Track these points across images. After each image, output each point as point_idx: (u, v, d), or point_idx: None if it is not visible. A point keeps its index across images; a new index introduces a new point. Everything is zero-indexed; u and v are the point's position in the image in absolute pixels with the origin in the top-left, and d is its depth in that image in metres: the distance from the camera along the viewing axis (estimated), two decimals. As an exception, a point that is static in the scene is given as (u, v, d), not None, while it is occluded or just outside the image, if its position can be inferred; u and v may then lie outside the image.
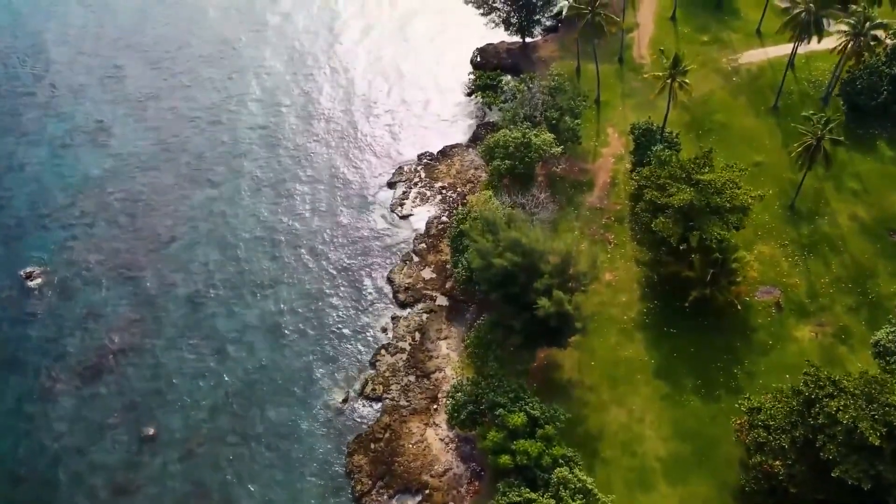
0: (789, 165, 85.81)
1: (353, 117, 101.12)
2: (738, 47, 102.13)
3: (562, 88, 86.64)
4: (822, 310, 73.71)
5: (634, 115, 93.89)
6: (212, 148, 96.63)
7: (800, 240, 79.64)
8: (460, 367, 70.48)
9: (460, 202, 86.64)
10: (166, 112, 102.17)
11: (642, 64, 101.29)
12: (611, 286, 76.57)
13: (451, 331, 75.01)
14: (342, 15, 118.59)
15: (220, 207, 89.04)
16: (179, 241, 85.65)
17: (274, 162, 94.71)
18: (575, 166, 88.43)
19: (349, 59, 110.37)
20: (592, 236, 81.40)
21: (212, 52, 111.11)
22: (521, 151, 79.74)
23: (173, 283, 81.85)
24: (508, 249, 59.88)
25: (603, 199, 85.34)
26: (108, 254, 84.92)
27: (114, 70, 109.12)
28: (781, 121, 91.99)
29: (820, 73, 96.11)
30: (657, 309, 74.68)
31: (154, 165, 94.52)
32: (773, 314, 73.69)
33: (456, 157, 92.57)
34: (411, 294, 78.08)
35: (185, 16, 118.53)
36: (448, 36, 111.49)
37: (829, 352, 70.49)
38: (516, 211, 68.42)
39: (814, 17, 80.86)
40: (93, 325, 78.60)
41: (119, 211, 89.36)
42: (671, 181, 71.51)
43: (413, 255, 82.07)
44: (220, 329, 77.34)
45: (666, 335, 72.78)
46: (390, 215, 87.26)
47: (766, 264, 77.32)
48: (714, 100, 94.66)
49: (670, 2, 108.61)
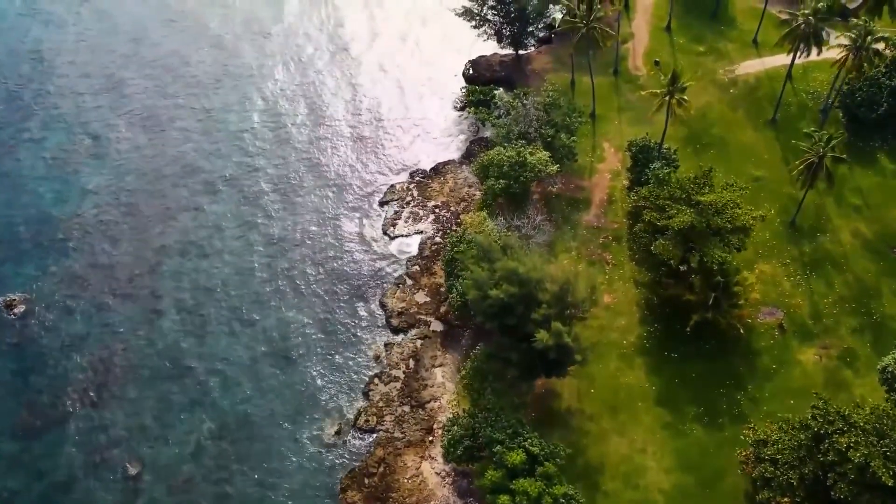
0: (789, 180, 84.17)
1: (343, 134, 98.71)
2: (735, 57, 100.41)
3: (556, 104, 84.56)
4: (826, 331, 71.96)
5: (630, 129, 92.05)
6: (197, 170, 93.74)
7: (802, 258, 77.86)
8: (456, 398, 68.31)
9: (454, 222, 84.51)
10: (150, 131, 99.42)
11: (638, 76, 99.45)
12: (610, 309, 74.59)
13: (446, 357, 72.83)
14: (329, 30, 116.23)
15: (206, 231, 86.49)
16: (164, 267, 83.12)
17: (262, 184, 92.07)
18: (571, 183, 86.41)
19: (336, 75, 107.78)
20: (590, 257, 79.42)
21: (197, 73, 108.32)
22: (515, 171, 77.68)
23: (159, 310, 79.36)
24: (505, 280, 57.79)
25: (600, 217, 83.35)
26: (91, 280, 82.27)
27: (102, 85, 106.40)
28: (780, 134, 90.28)
29: (818, 85, 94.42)
30: (657, 332, 72.74)
31: (139, 188, 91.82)
32: (776, 337, 71.88)
33: (449, 174, 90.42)
34: (405, 319, 75.87)
35: (178, 27, 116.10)
36: (439, 48, 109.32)
37: (833, 376, 68.75)
38: (512, 236, 66.28)
39: (813, 29, 79.01)
40: (75, 356, 76.03)
41: (103, 235, 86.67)
42: (671, 202, 69.58)
43: (406, 278, 79.90)
44: (206, 359, 74.89)
45: (667, 360, 70.87)
46: (382, 236, 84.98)
47: (768, 284, 75.54)
48: (712, 113, 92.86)
49: (665, 11, 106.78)
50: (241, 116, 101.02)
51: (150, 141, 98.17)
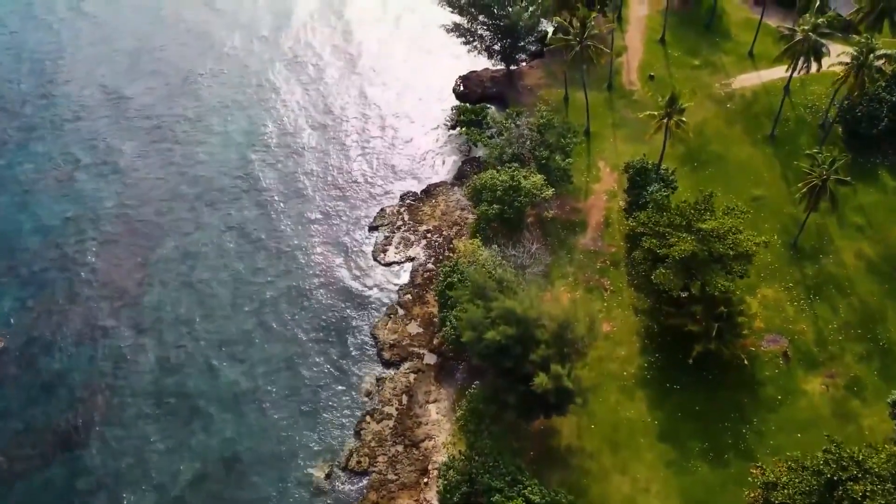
0: (790, 199, 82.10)
1: (331, 155, 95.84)
2: (731, 71, 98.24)
3: (550, 124, 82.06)
4: (832, 359, 69.76)
5: (626, 146, 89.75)
6: (178, 197, 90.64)
7: (804, 281, 75.67)
8: (452, 439, 65.63)
9: (446, 247, 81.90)
10: (130, 155, 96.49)
11: (632, 91, 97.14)
12: (609, 338, 72.13)
13: (440, 392, 70.21)
14: (315, 50, 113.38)
15: (190, 260, 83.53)
16: (147, 298, 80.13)
17: (246, 210, 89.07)
18: (566, 205, 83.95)
19: (323, 94, 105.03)
20: (587, 283, 76.99)
21: (185, 89, 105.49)
22: (509, 195, 75.18)
23: (141, 344, 76.38)
24: (501, 319, 55.21)
25: (597, 240, 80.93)
26: (72, 314, 79.20)
27: (79, 108, 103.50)
28: (779, 150, 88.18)
29: (817, 98, 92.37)
30: (658, 363, 70.37)
31: (118, 214, 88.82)
32: (781, 365, 69.64)
33: (440, 196, 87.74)
34: (397, 352, 73.16)
35: (156, 44, 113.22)
36: (429, 65, 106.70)
37: (841, 406, 66.57)
38: (507, 269, 63.68)
39: (814, 45, 76.84)
40: (57, 394, 73.01)
41: (82, 265, 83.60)
42: (670, 230, 67.25)
43: (398, 308, 77.15)
44: (191, 397, 71.93)
45: (668, 392, 68.50)
46: (373, 263, 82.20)
47: (771, 310, 73.33)
48: (708, 129, 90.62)
49: (659, 23, 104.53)
50: (224, 140, 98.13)
51: (131, 165, 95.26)
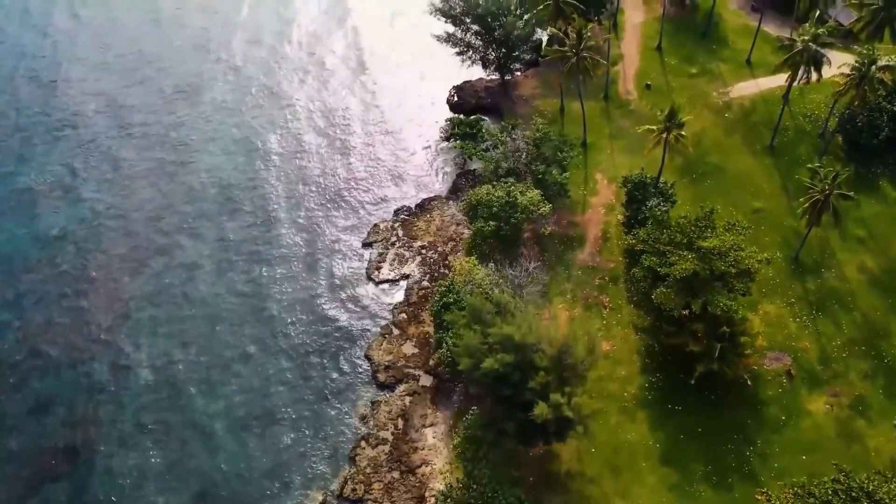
0: (790, 211, 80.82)
1: (323, 169, 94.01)
2: (729, 79, 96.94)
3: (546, 137, 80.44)
4: (836, 377, 68.38)
5: (623, 158, 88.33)
6: (167, 211, 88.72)
7: (807, 297, 74.30)
8: (449, 467, 63.91)
9: (442, 264, 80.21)
10: (118, 169, 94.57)
11: (629, 100, 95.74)
12: (609, 357, 70.52)
13: (437, 416, 68.49)
14: (304, 58, 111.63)
15: (178, 279, 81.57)
16: (135, 319, 78.13)
17: (239, 225, 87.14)
18: (563, 219, 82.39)
19: (313, 106, 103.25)
20: (586, 300, 75.44)
21: (176, 99, 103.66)
22: (506, 212, 73.56)
23: (128, 367, 74.38)
24: (499, 346, 53.58)
25: (595, 255, 79.39)
26: (58, 337, 77.15)
27: (72, 116, 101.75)
28: (779, 160, 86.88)
29: (816, 107, 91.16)
30: (660, 383, 68.88)
31: (106, 230, 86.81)
32: (784, 384, 68.21)
33: (435, 211, 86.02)
34: (392, 373, 71.42)
35: (153, 51, 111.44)
36: (422, 75, 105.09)
37: (846, 426, 65.16)
38: (505, 292, 62.01)
39: (814, 55, 75.45)
40: (42, 421, 70.99)
41: (69, 286, 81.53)
42: (671, 248, 65.74)
43: (392, 327, 75.40)
44: (179, 423, 69.91)
45: (670, 413, 66.99)
46: (366, 281, 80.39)
47: (774, 326, 71.92)
48: (707, 139, 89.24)
49: (655, 30, 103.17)
50: (213, 152, 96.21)
51: (122, 177, 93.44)
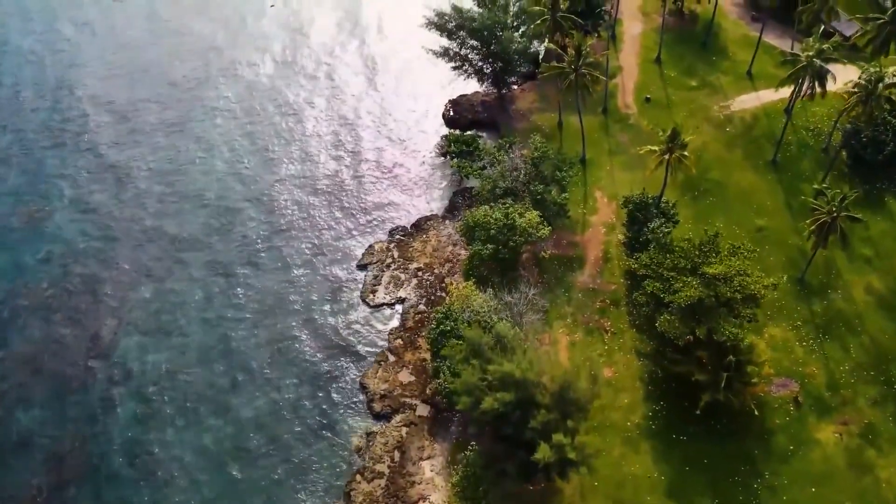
0: (794, 230, 79.09)
1: (315, 188, 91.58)
2: (729, 92, 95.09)
3: (545, 156, 78.39)
4: (845, 404, 66.48)
5: (623, 174, 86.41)
6: (156, 233, 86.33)
7: (813, 319, 72.40)
8: (447, 502, 61.79)
9: (438, 286, 78.11)
10: (105, 190, 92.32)
11: (628, 114, 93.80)
12: (611, 385, 68.52)
13: (434, 448, 66.35)
14: (297, 69, 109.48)
15: (168, 304, 79.26)
16: (123, 345, 75.83)
17: (229, 247, 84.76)
18: (563, 239, 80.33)
19: (305, 121, 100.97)
20: (587, 324, 73.42)
21: (154, 127, 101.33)
22: (504, 234, 71.48)
23: (117, 398, 72.07)
24: (499, 385, 51.49)
25: (595, 277, 77.36)
26: (43, 364, 74.90)
27: (56, 136, 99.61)
28: (782, 176, 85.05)
29: (818, 120, 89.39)
30: (664, 411, 66.86)
31: (95, 253, 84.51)
32: (792, 412, 66.29)
33: (431, 230, 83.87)
34: (388, 403, 69.26)
35: (143, 62, 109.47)
36: (417, 89, 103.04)
37: (856, 456, 63.27)
38: (503, 323, 59.84)
39: (818, 71, 73.61)
40: (26, 456, 68.67)
41: (56, 310, 79.29)
42: (675, 274, 63.77)
43: (388, 354, 73.23)
44: (167, 457, 67.58)
45: (675, 443, 64.98)
46: (361, 305, 78.16)
47: (780, 350, 69.98)
48: (708, 154, 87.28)
49: (654, 41, 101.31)
50: (203, 170, 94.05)
51: (108, 200, 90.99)
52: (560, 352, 70.55)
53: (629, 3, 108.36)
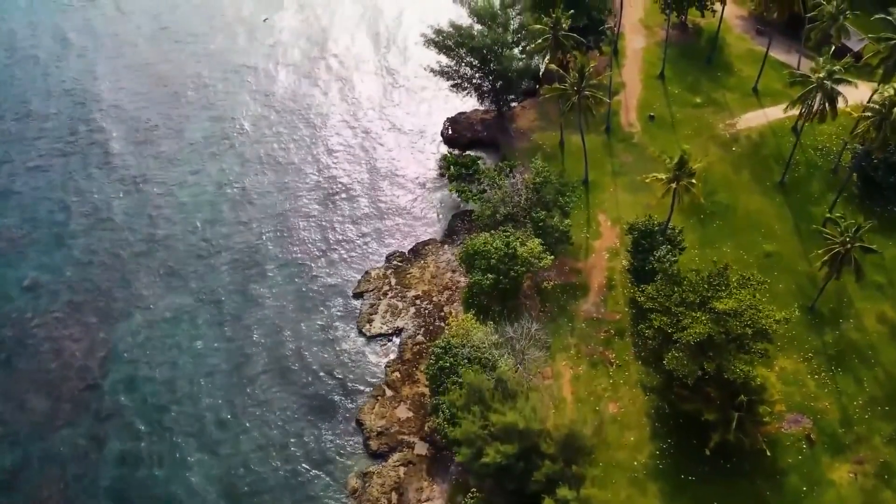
0: (803, 255, 76.76)
1: (310, 211, 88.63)
2: (735, 109, 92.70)
3: (547, 180, 75.86)
4: (859, 441, 64.06)
5: (627, 196, 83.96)
6: (145, 260, 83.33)
7: (825, 350, 69.95)
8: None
9: (437, 315, 75.56)
10: (95, 212, 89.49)
11: (632, 133, 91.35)
12: (616, 421, 66.08)
13: (433, 489, 63.78)
14: (293, 87, 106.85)
15: (155, 335, 76.45)
16: (108, 381, 73.00)
17: (219, 274, 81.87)
18: (565, 265, 77.84)
19: (300, 140, 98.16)
20: (591, 356, 70.92)
21: (148, 138, 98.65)
22: (505, 263, 68.96)
23: (103, 436, 69.31)
24: (501, 436, 48.98)
25: (599, 306, 74.85)
26: (27, 400, 72.10)
27: (45, 154, 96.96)
28: (790, 198, 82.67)
29: (827, 139, 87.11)
30: (672, 450, 64.37)
31: (81, 281, 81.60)
32: (804, 450, 63.87)
33: (430, 256, 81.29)
34: (385, 441, 66.68)
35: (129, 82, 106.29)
36: (414, 107, 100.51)
37: (871, 497, 60.86)
38: (504, 363, 57.33)
39: (829, 93, 71.15)
40: (8, 496, 65.95)
41: (40, 340, 76.44)
42: (684, 309, 61.26)
43: (385, 388, 70.66)
44: (156, 495, 64.95)
45: (684, 484, 62.46)
46: (357, 336, 75.51)
47: (791, 384, 67.54)
48: (714, 175, 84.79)
49: (657, 56, 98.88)
50: (192, 193, 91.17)
51: (95, 224, 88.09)
52: (563, 386, 68.19)
53: (630, 15, 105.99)
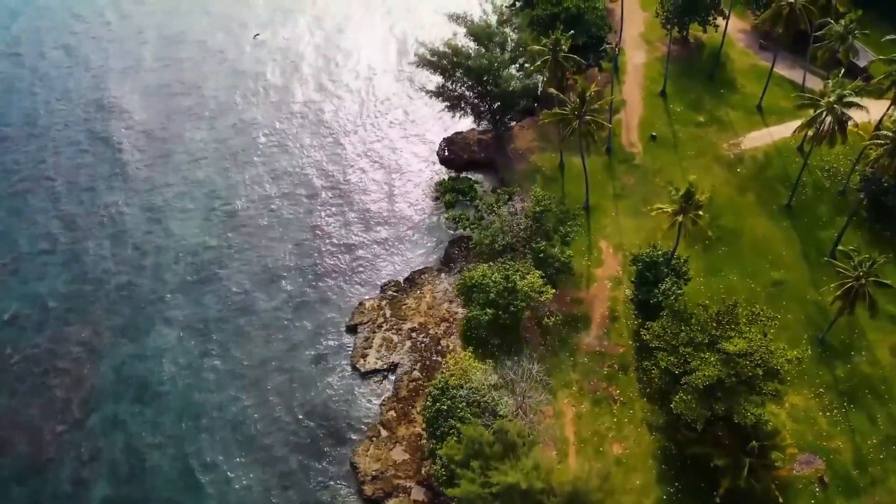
0: (813, 283, 74.17)
1: (300, 240, 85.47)
2: (739, 128, 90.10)
3: (547, 208, 73.16)
4: (874, 484, 61.47)
5: (629, 220, 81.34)
6: (128, 292, 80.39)
7: (837, 385, 67.38)
8: None
9: (434, 349, 72.83)
10: (77, 240, 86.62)
11: (633, 153, 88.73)
12: (621, 464, 63.46)
13: (431, 538, 61.21)
14: (287, 108, 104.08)
15: (142, 370, 73.59)
16: (93, 420, 70.11)
17: (208, 304, 79.03)
18: (566, 294, 75.11)
19: (290, 163, 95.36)
20: (594, 392, 68.26)
21: (130, 171, 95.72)
22: (504, 298, 66.28)
23: (85, 479, 66.45)
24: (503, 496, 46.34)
25: (602, 339, 72.18)
26: (8, 441, 69.24)
27: (26, 178, 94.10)
28: (798, 222, 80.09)
29: (834, 160, 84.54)
30: (679, 494, 61.69)
31: (64, 315, 78.70)
32: (817, 494, 61.31)
33: (426, 285, 78.51)
34: (380, 485, 63.90)
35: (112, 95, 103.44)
36: (409, 127, 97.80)
37: (888, 544, 58.43)
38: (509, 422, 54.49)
39: (839, 117, 68.61)
40: (-13, 547, 63.39)
41: (22, 378, 73.58)
42: (692, 350, 58.62)
43: (380, 428, 67.87)
44: (143, 548, 62.58)
45: (693, 531, 60.00)
46: (351, 372, 72.68)
47: (802, 422, 64.96)
48: (719, 198, 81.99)
49: (659, 72, 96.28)
50: (181, 219, 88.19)
51: (78, 251, 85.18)
52: (566, 426, 65.58)
53: (631, 29, 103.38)
